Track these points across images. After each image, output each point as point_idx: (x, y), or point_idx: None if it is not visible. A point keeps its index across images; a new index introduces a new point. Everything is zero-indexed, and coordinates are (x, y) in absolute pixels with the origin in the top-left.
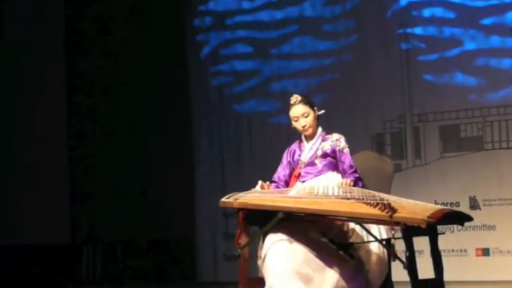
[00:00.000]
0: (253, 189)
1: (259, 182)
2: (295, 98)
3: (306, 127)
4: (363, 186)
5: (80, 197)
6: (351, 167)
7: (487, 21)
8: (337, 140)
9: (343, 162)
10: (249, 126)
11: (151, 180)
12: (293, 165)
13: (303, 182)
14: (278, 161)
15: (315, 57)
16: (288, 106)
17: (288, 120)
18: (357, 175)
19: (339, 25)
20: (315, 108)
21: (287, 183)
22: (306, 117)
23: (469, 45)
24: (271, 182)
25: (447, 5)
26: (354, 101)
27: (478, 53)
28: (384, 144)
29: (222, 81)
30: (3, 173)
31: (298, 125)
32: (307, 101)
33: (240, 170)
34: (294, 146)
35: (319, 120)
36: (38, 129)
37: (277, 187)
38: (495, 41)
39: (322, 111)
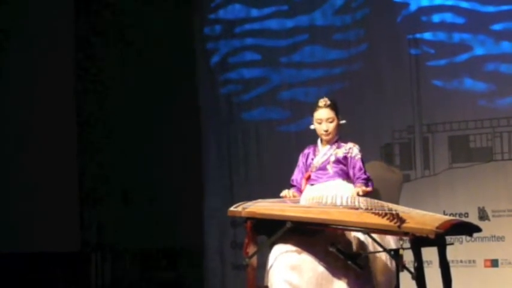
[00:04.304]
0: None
1: (284, 192)
2: (324, 100)
3: (328, 132)
4: (373, 188)
5: (89, 205)
6: (360, 169)
7: (497, 26)
8: (350, 148)
9: (354, 168)
10: (257, 134)
11: (159, 188)
12: (305, 168)
13: (312, 185)
14: (286, 169)
15: (325, 66)
16: (314, 107)
17: (298, 127)
18: (365, 176)
19: (349, 34)
20: (339, 116)
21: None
22: (330, 122)
23: (479, 51)
24: (291, 185)
25: (457, 11)
26: (363, 110)
27: (487, 58)
28: (393, 154)
29: (230, 89)
30: (11, 179)
31: (320, 128)
32: (334, 107)
33: (248, 179)
34: (308, 149)
35: (339, 129)
36: (47, 136)
37: (299, 189)
38: (505, 46)
39: (344, 121)
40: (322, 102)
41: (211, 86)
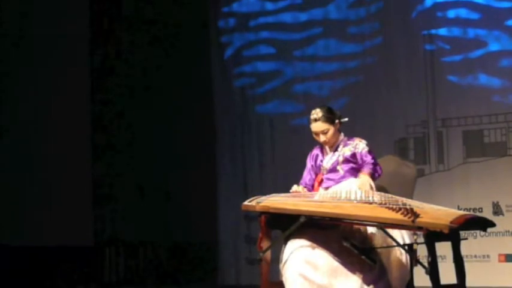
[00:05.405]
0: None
1: (294, 187)
2: (316, 114)
3: (326, 141)
4: (381, 172)
5: (103, 199)
6: (367, 157)
7: (511, 22)
8: (356, 144)
9: (361, 158)
10: (271, 127)
11: (174, 183)
12: (315, 170)
13: (326, 188)
14: (300, 163)
15: (340, 59)
16: (309, 116)
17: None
18: (372, 161)
19: (363, 27)
20: (337, 121)
21: (314, 187)
22: (326, 133)
23: (494, 47)
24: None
25: (472, 6)
26: (377, 104)
27: (502, 54)
28: (407, 148)
29: (244, 82)
30: (25, 173)
31: (318, 139)
32: (327, 117)
33: (262, 172)
34: (316, 150)
35: (341, 127)
36: (61, 131)
37: (309, 191)
38: None
39: (346, 119)
40: (314, 115)
41: (225, 79)
